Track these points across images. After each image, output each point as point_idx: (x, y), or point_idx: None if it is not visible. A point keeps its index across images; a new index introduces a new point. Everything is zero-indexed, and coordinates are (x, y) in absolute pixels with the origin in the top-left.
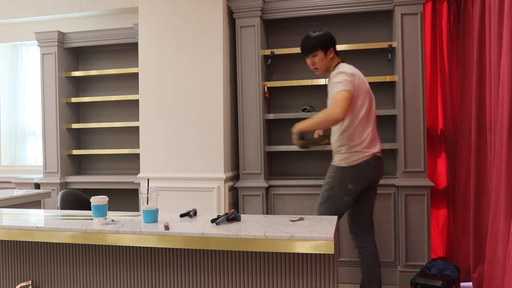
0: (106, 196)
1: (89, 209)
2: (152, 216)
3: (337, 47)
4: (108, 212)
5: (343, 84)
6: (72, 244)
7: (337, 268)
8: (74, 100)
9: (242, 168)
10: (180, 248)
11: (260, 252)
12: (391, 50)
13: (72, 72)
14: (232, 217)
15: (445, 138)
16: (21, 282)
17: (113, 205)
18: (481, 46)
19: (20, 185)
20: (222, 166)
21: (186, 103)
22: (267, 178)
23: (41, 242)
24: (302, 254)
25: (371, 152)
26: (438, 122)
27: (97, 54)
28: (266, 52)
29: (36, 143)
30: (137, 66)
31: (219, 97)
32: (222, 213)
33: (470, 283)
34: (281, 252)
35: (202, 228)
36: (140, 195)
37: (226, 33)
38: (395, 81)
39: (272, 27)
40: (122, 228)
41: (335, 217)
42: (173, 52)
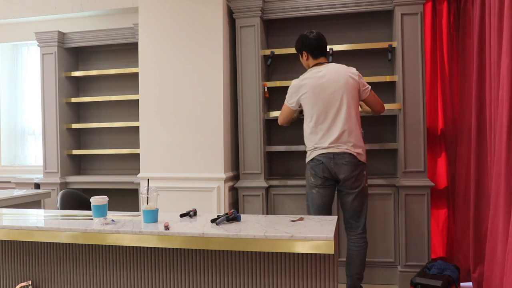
0: (106, 196)
1: (89, 209)
2: (152, 216)
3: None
4: (108, 212)
5: (286, 97)
6: (72, 244)
7: (337, 268)
8: (74, 100)
9: (242, 168)
10: (180, 248)
11: (260, 252)
12: (391, 50)
13: (72, 72)
14: (232, 217)
15: (445, 138)
16: (21, 282)
17: (113, 205)
18: (481, 46)
19: (20, 185)
20: (222, 166)
21: (186, 103)
22: (267, 178)
23: (41, 242)
24: (302, 254)
25: (322, 150)
26: (438, 122)
27: (97, 54)
28: (266, 52)
29: (36, 143)
30: (137, 66)
31: (219, 97)
32: (222, 213)
33: (470, 283)
34: (281, 252)
35: (202, 228)
36: (140, 195)
37: (226, 33)
38: (395, 81)
39: (272, 27)
40: (122, 228)
41: (335, 217)
42: (173, 52)
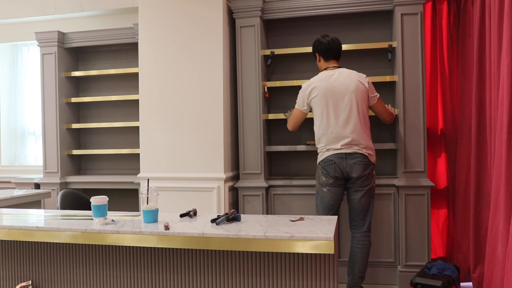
0: (106, 196)
1: (89, 209)
2: (152, 216)
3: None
4: (108, 212)
5: (298, 101)
6: (72, 244)
7: (337, 268)
8: (74, 100)
9: (242, 168)
10: (180, 248)
11: (260, 252)
12: (391, 50)
13: (72, 72)
14: (232, 217)
15: (445, 138)
16: (21, 282)
17: (113, 205)
18: (481, 46)
19: (20, 185)
20: (222, 166)
21: (186, 103)
22: (267, 178)
23: (41, 242)
24: (302, 254)
25: (334, 151)
26: (438, 122)
27: (97, 54)
28: (266, 52)
29: (36, 143)
30: (137, 66)
31: (219, 97)
32: (222, 213)
33: (470, 283)
34: (281, 252)
35: (202, 228)
36: (140, 195)
37: (226, 33)
38: (395, 81)
39: (272, 27)
40: (122, 228)
41: (335, 217)
42: (173, 52)
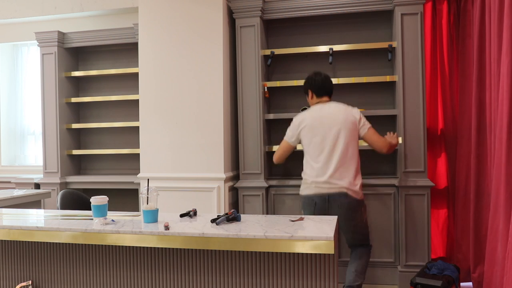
0: (106, 196)
1: (89, 209)
2: (152, 216)
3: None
4: (108, 212)
5: (287, 133)
6: (72, 244)
7: (337, 268)
8: (74, 100)
9: (242, 168)
10: (180, 248)
11: (260, 252)
12: (391, 50)
13: (72, 72)
14: (232, 217)
15: (445, 138)
16: (21, 282)
17: (113, 205)
18: (481, 46)
19: (20, 185)
20: (222, 166)
21: (186, 103)
22: (267, 178)
23: (41, 242)
24: (302, 254)
25: (316, 189)
26: (438, 122)
27: (97, 54)
28: (266, 52)
29: (36, 143)
30: (137, 66)
31: (219, 97)
32: (222, 213)
33: (470, 283)
34: (281, 252)
35: (202, 228)
36: (140, 195)
37: (226, 33)
38: (395, 81)
39: (272, 27)
40: (122, 228)
41: (335, 217)
42: (173, 52)
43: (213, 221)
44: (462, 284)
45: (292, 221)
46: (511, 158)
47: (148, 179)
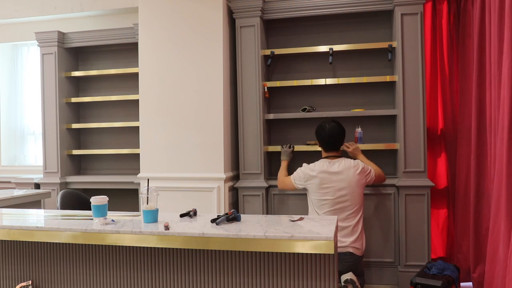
0: (106, 196)
1: (89, 209)
2: (152, 216)
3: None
4: (108, 212)
5: (295, 176)
6: (72, 244)
7: (337, 268)
8: (74, 100)
9: (242, 168)
10: (180, 248)
11: (260, 252)
12: (391, 50)
13: (72, 72)
14: (232, 217)
15: (445, 138)
16: (21, 282)
17: (113, 205)
18: (481, 46)
19: (20, 185)
20: (222, 166)
21: (186, 103)
22: (267, 178)
23: (41, 242)
24: (302, 254)
25: None
26: (438, 122)
27: (97, 54)
28: (266, 52)
29: (36, 143)
30: (137, 66)
31: (219, 97)
32: (222, 213)
33: (470, 283)
34: (281, 252)
35: (202, 228)
36: (140, 195)
37: (226, 33)
38: (395, 81)
39: (272, 27)
40: (122, 228)
41: (335, 217)
42: (173, 52)
43: (213, 221)
44: (462, 284)
45: (292, 221)
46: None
47: (148, 179)
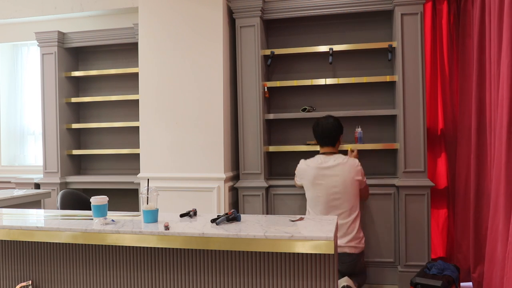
0: (106, 196)
1: (89, 209)
2: (152, 216)
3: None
4: (108, 212)
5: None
6: (72, 244)
7: (337, 268)
8: (74, 100)
9: (242, 168)
10: (180, 248)
11: (260, 252)
12: (391, 50)
13: (72, 72)
14: (232, 217)
15: (445, 138)
16: (21, 282)
17: (113, 205)
18: (481, 46)
19: (20, 185)
20: (222, 166)
21: (186, 103)
22: (267, 178)
23: (41, 242)
24: (302, 254)
25: None
26: (438, 122)
27: (97, 54)
28: (266, 52)
29: (36, 143)
30: (137, 66)
31: (219, 97)
32: (222, 213)
33: (470, 283)
34: (281, 252)
35: (202, 228)
36: (140, 195)
37: (226, 33)
38: (395, 81)
39: (272, 27)
40: (122, 228)
41: (335, 217)
42: (173, 52)
43: (213, 221)
44: (462, 284)
45: (292, 221)
46: (511, 158)
47: (148, 179)
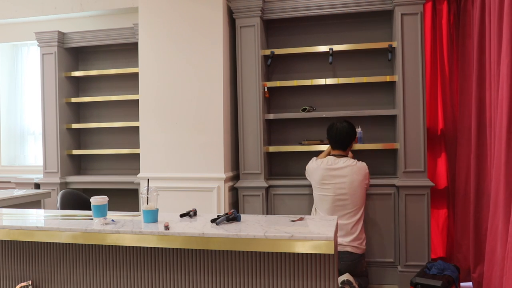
0: (106, 196)
1: (89, 209)
2: (152, 216)
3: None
4: (108, 212)
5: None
6: (72, 244)
7: (337, 268)
8: (74, 100)
9: (242, 168)
10: (180, 248)
11: (260, 252)
12: (391, 50)
13: (72, 72)
14: (232, 217)
15: (445, 138)
16: (21, 282)
17: (113, 205)
18: (481, 46)
19: (20, 185)
20: (222, 166)
21: (186, 103)
22: (267, 178)
23: (41, 242)
24: (302, 254)
25: None
26: (438, 122)
27: (97, 54)
28: (266, 52)
29: (36, 143)
30: (137, 66)
31: (219, 97)
32: (222, 213)
33: (470, 283)
34: (281, 252)
35: (202, 228)
36: (140, 195)
37: (226, 33)
38: (395, 81)
39: (272, 27)
40: (122, 228)
41: (335, 217)
42: (173, 52)
43: (213, 221)
44: (462, 284)
45: (292, 221)
46: (510, 158)
47: (148, 179)
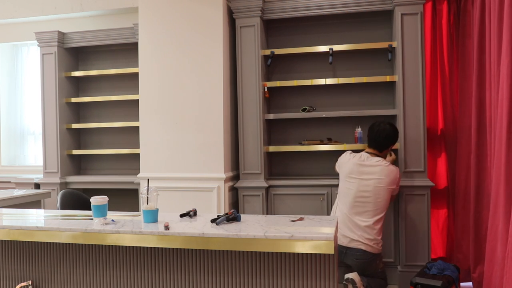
0: (106, 196)
1: (89, 209)
2: (152, 216)
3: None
4: (108, 212)
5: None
6: (72, 244)
7: (337, 268)
8: (74, 100)
9: (242, 168)
10: (180, 248)
11: (260, 252)
12: (391, 50)
13: (72, 72)
14: (232, 217)
15: (445, 138)
16: (21, 282)
17: (113, 205)
18: (481, 46)
19: (20, 185)
20: (222, 166)
21: (186, 103)
22: (267, 178)
23: (41, 242)
24: (302, 254)
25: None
26: (438, 122)
27: (97, 54)
28: (266, 52)
29: (36, 143)
30: (137, 66)
31: (219, 97)
32: (222, 213)
33: (470, 283)
34: (281, 252)
35: (202, 228)
36: (140, 195)
37: (226, 33)
38: (395, 81)
39: (272, 27)
40: (122, 228)
41: (335, 217)
42: (173, 52)
43: (213, 221)
44: (462, 284)
45: (292, 221)
46: (510, 158)
47: (148, 179)
